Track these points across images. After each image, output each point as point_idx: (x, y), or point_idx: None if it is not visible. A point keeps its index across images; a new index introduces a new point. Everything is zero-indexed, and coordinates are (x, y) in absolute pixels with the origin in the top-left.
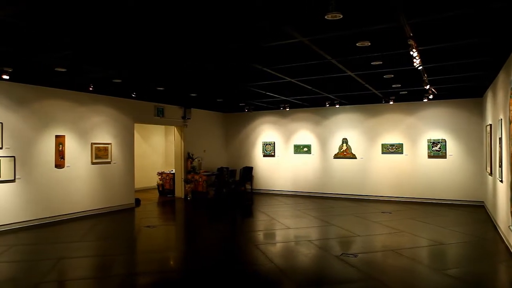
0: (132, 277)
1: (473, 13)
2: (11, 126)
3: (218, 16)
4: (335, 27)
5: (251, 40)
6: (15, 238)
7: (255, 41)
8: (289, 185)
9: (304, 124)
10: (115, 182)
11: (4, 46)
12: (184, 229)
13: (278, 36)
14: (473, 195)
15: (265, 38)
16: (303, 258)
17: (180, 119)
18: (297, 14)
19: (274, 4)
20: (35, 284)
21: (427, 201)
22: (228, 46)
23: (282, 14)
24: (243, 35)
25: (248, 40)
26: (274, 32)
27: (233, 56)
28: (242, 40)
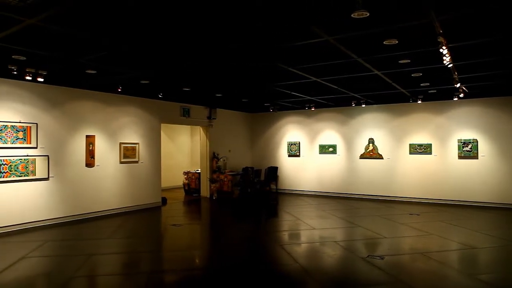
0: (159, 274)
1: (507, 7)
2: (45, 127)
3: (244, 16)
4: (361, 26)
5: (277, 40)
6: (49, 234)
7: (281, 41)
8: (314, 186)
9: (329, 124)
10: (142, 181)
11: (39, 50)
12: (209, 228)
13: (304, 36)
14: (507, 198)
15: (290, 38)
16: (329, 259)
17: (205, 119)
18: (323, 14)
19: (300, 3)
20: (68, 279)
21: (457, 203)
22: (254, 46)
23: (308, 13)
24: (269, 35)
25: (274, 40)
26: (299, 31)
27: (258, 56)
28: (268, 40)
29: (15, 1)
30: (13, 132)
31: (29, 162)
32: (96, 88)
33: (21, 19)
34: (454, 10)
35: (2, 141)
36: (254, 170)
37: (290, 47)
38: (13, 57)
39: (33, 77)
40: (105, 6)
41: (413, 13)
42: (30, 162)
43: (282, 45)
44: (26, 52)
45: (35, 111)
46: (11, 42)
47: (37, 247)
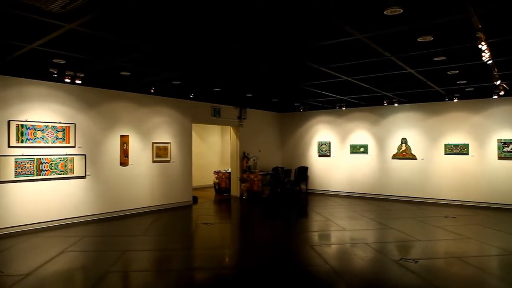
0: (189, 272)
1: None
2: (82, 127)
3: (274, 15)
4: (394, 23)
5: (307, 39)
6: (86, 230)
7: (311, 40)
8: (345, 186)
9: (360, 124)
10: (174, 180)
11: (78, 53)
12: (239, 227)
13: (335, 34)
14: None
15: (321, 37)
16: (360, 261)
17: (236, 119)
18: (354, 11)
19: (331, 1)
20: (104, 273)
21: (496, 206)
22: (284, 45)
23: (339, 11)
24: (299, 34)
25: (304, 39)
26: (330, 30)
27: (289, 55)
28: (298, 40)
29: (56, 8)
30: (54, 132)
31: (68, 161)
32: (130, 89)
33: (61, 25)
34: (494, 3)
35: (44, 141)
36: (284, 170)
37: (320, 46)
38: (54, 61)
39: (71, 80)
40: (138, 10)
41: (449, 8)
42: (69, 160)
43: (312, 44)
44: (66, 55)
45: (73, 112)
46: (52, 46)
47: (75, 242)
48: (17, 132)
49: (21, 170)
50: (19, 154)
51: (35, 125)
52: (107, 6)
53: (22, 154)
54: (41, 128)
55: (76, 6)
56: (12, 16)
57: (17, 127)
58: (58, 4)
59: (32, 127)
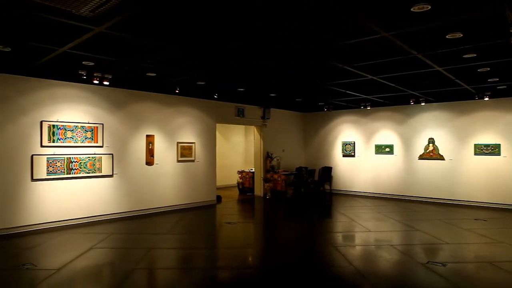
0: (214, 270)
1: None
2: (110, 127)
3: (297, 15)
4: (422, 20)
5: (331, 38)
6: (113, 227)
7: (335, 39)
8: (370, 187)
9: (386, 123)
10: (198, 180)
11: (106, 56)
12: (263, 227)
13: (360, 33)
14: None
15: (346, 36)
16: (385, 263)
17: (259, 119)
18: (380, 9)
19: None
20: (130, 270)
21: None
22: (308, 45)
23: (364, 9)
24: (323, 33)
25: (328, 38)
26: (355, 28)
27: (313, 55)
28: (322, 39)
29: (86, 12)
30: (83, 132)
31: (96, 160)
32: (156, 90)
33: (91, 28)
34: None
35: (74, 140)
36: (308, 170)
37: (345, 45)
38: (83, 63)
39: (99, 81)
40: (164, 13)
41: (480, 3)
42: (97, 160)
43: (337, 43)
44: (94, 57)
45: (101, 112)
46: (82, 49)
47: (103, 238)
48: (48, 132)
49: (52, 168)
50: (50, 153)
51: (65, 125)
52: (134, 9)
53: (53, 153)
54: (71, 128)
55: (105, 10)
56: (45, 21)
57: (48, 127)
58: (87, 8)
59: (62, 127)
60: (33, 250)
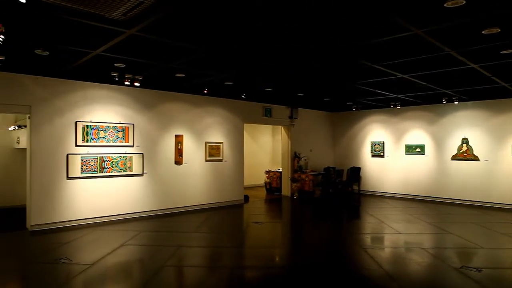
0: (241, 269)
1: None
2: (140, 127)
3: (324, 13)
4: (456, 15)
5: (360, 36)
6: (143, 225)
7: (364, 37)
8: (400, 188)
9: (417, 123)
10: (226, 179)
11: (137, 57)
12: (290, 227)
13: (390, 30)
14: None
15: (375, 33)
16: (416, 266)
17: (287, 118)
18: (411, 5)
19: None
20: (160, 267)
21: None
22: (336, 44)
23: (395, 6)
24: (351, 31)
25: (357, 36)
26: (385, 26)
27: (341, 54)
28: (351, 37)
29: (118, 16)
30: (114, 132)
31: (127, 159)
32: (185, 91)
33: (122, 31)
34: None
35: (106, 140)
36: (336, 170)
37: (374, 43)
38: (115, 65)
39: (130, 82)
40: (193, 15)
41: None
42: (128, 159)
43: (366, 42)
44: (126, 60)
45: (132, 113)
46: (114, 51)
47: (133, 236)
48: (83, 132)
49: (86, 167)
50: (84, 153)
51: (98, 125)
52: (164, 12)
53: (87, 152)
54: (104, 128)
55: (136, 13)
56: (80, 25)
57: (83, 127)
58: (120, 12)
59: (95, 127)
60: (68, 245)
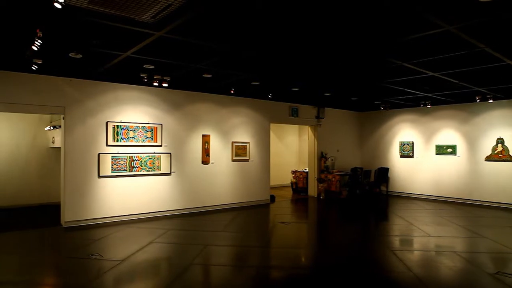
0: (267, 269)
1: None
2: (168, 127)
3: (352, 11)
4: (491, 9)
5: (389, 34)
6: (171, 223)
7: (394, 35)
8: (430, 189)
9: (448, 122)
10: (252, 179)
11: (165, 59)
12: (316, 228)
13: (420, 27)
14: None
15: (404, 31)
16: (448, 271)
17: (313, 118)
18: (442, 1)
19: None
20: (187, 265)
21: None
22: (364, 42)
23: (426, 2)
24: (381, 29)
25: (386, 34)
26: (414, 23)
27: (369, 52)
28: (380, 35)
29: (148, 18)
30: (143, 132)
31: (156, 159)
32: (212, 91)
33: (152, 33)
34: None
35: (135, 140)
36: (363, 171)
37: (404, 41)
38: (144, 66)
39: (159, 83)
40: (220, 16)
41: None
42: (156, 158)
43: (395, 39)
44: (154, 61)
45: (160, 113)
46: (143, 53)
47: (161, 234)
48: (113, 132)
49: (116, 166)
50: (115, 152)
51: (128, 125)
52: (191, 14)
53: (117, 152)
54: (133, 128)
55: (165, 15)
56: (111, 28)
57: (113, 127)
58: (149, 15)
59: (125, 128)
60: (100, 241)
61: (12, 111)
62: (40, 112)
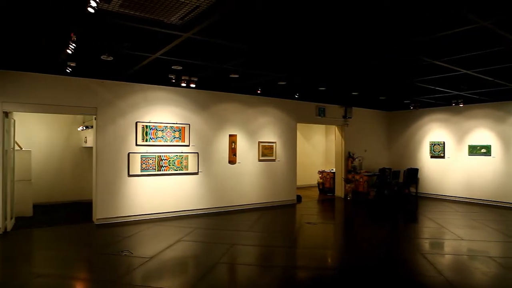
0: (293, 269)
1: None
2: (196, 127)
3: (381, 8)
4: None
5: (420, 31)
6: (197, 222)
7: (425, 32)
8: (462, 191)
9: (482, 122)
10: (278, 179)
11: (193, 59)
12: (343, 229)
13: (453, 24)
14: None
15: (436, 28)
16: (482, 276)
17: (340, 118)
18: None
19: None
20: (214, 263)
21: None
22: (394, 40)
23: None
24: (411, 26)
25: (416, 32)
26: (447, 19)
27: (399, 50)
28: (410, 33)
29: (176, 20)
30: (171, 132)
31: (183, 158)
32: (238, 91)
33: (180, 34)
34: None
35: (163, 140)
36: (391, 171)
37: (435, 38)
38: (172, 67)
39: (187, 84)
40: (247, 16)
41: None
42: (184, 158)
43: (426, 37)
44: (182, 62)
45: (188, 113)
46: (171, 54)
47: (189, 232)
48: (142, 132)
49: (145, 165)
50: (144, 152)
51: (156, 125)
52: (219, 14)
53: (146, 151)
54: (161, 128)
55: (192, 17)
56: (140, 31)
57: (142, 127)
58: (177, 17)
59: (154, 128)
60: (129, 238)
61: (49, 112)
62: (74, 113)
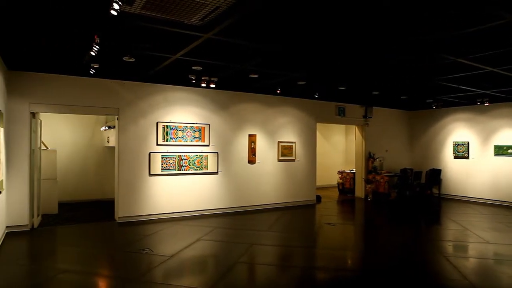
0: (311, 270)
1: None
2: (215, 127)
3: (405, 5)
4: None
5: (443, 28)
6: (217, 221)
7: (447, 29)
8: (487, 193)
9: (509, 121)
10: (298, 179)
11: (213, 60)
12: (364, 230)
13: (477, 20)
14: None
15: (459, 24)
16: (509, 281)
17: (361, 118)
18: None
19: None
20: (233, 263)
21: None
22: (416, 38)
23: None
24: (433, 23)
25: (439, 28)
26: (471, 15)
27: (421, 48)
28: (432, 29)
29: (196, 21)
30: (191, 132)
31: (203, 158)
32: (258, 91)
33: (200, 35)
34: None
35: (184, 140)
36: (413, 172)
37: (458, 35)
38: (192, 68)
39: (207, 84)
40: (268, 16)
41: None
42: (204, 157)
43: (449, 34)
44: (202, 62)
45: (208, 113)
46: (192, 55)
47: (208, 231)
48: (163, 132)
49: (166, 165)
50: (164, 151)
51: (177, 125)
52: (239, 15)
53: (167, 151)
54: (182, 128)
55: (213, 17)
56: (161, 32)
57: (163, 127)
58: (198, 17)
59: (174, 128)
60: (150, 237)
61: (73, 112)
62: (97, 113)
